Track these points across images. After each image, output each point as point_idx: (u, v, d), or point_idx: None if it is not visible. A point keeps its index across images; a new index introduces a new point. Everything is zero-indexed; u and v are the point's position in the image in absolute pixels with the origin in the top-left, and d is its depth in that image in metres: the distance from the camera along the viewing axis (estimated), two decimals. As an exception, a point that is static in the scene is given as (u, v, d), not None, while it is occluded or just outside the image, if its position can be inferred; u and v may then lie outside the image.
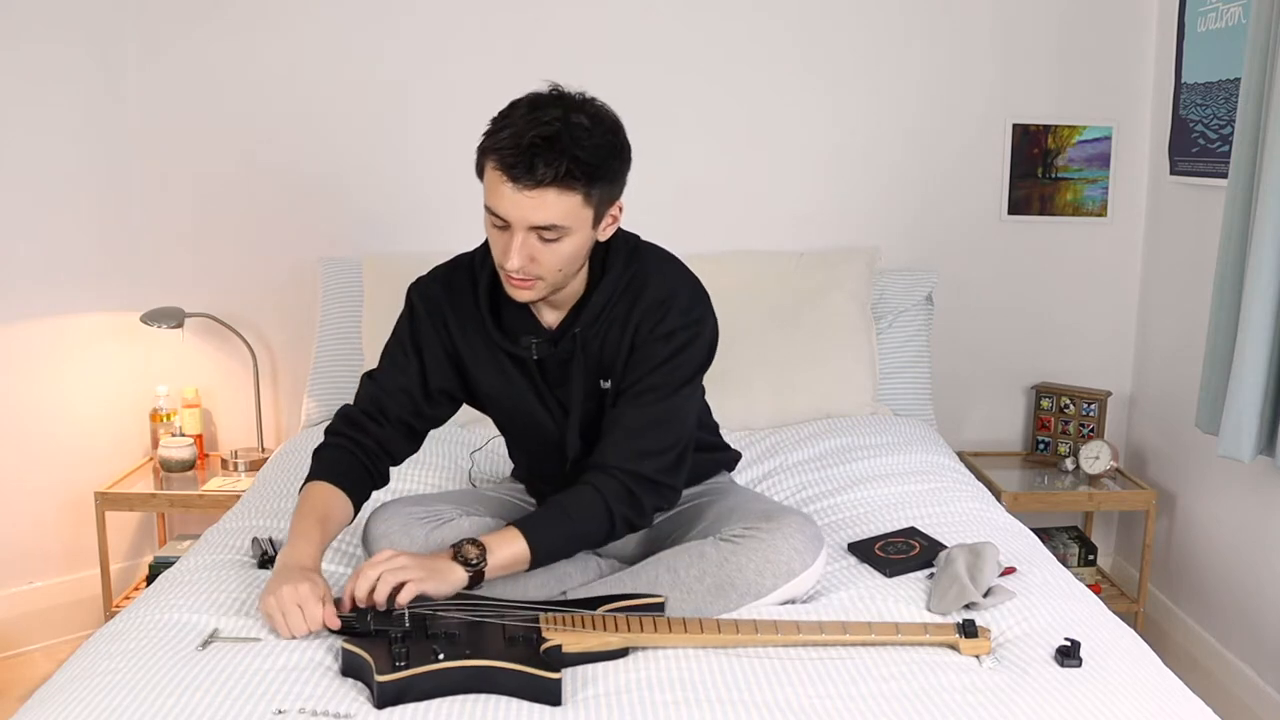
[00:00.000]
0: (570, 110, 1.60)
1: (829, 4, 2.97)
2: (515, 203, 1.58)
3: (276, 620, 1.55)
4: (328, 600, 1.56)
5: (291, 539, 1.65)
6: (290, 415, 3.10)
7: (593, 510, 1.71)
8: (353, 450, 1.81)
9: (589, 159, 1.58)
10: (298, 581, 1.56)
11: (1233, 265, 2.38)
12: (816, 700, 1.44)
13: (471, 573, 1.61)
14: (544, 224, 1.59)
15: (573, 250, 1.65)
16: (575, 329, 1.75)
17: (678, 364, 1.76)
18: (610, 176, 1.64)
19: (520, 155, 1.56)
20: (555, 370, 1.80)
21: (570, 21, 2.92)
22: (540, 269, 1.65)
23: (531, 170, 1.56)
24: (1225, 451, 2.33)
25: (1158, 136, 3.00)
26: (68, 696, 1.42)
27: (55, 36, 2.76)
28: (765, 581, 1.69)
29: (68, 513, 2.89)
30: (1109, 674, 1.51)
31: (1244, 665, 2.60)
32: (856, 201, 3.07)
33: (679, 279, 1.81)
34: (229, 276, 3.02)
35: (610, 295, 1.76)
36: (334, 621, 1.54)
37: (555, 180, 1.57)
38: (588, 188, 1.60)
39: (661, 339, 1.75)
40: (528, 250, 1.62)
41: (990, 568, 1.75)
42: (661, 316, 1.75)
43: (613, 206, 1.70)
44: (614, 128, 1.65)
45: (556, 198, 1.58)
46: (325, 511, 1.72)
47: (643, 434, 1.73)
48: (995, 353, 3.16)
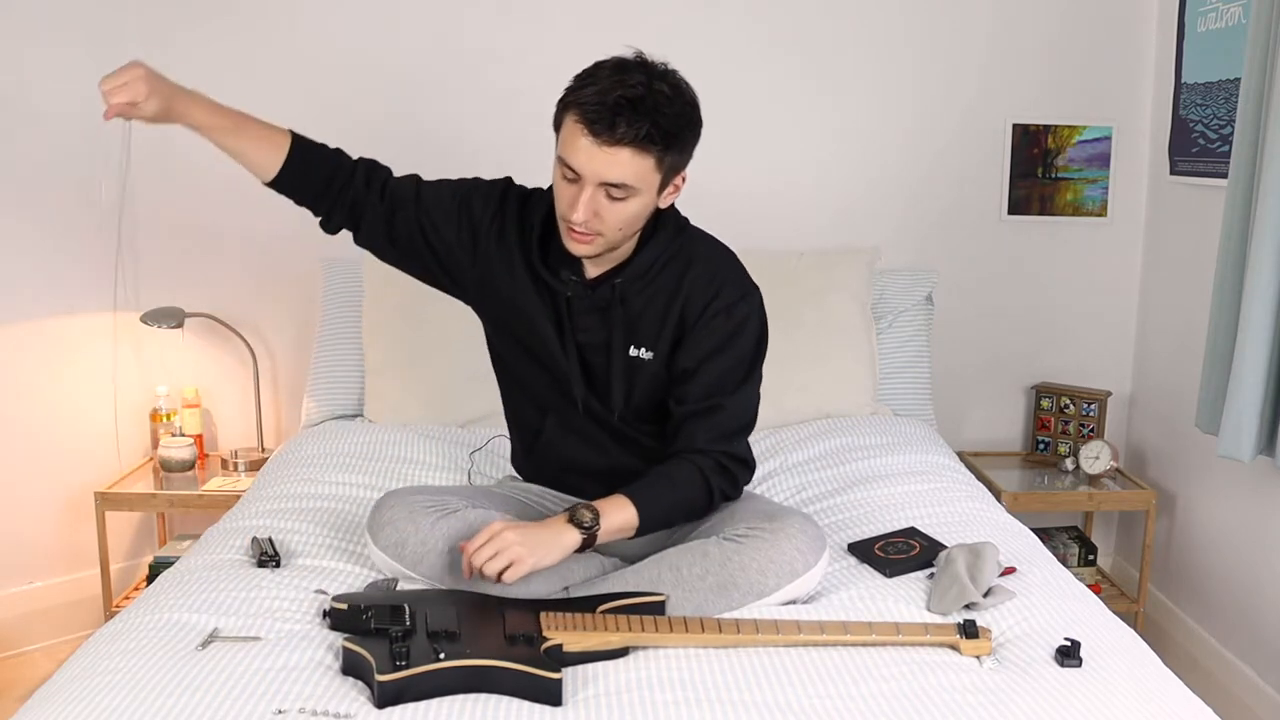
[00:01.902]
0: (654, 78, 1.66)
1: (829, 4, 2.97)
2: (591, 156, 1.64)
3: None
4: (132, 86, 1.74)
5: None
6: (290, 415, 3.10)
7: (694, 481, 1.79)
8: (341, 159, 1.89)
9: (668, 126, 1.65)
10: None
11: (1233, 265, 2.38)
12: (816, 700, 1.44)
13: (585, 535, 1.68)
14: (615, 181, 1.66)
15: (636, 211, 1.72)
16: (617, 280, 1.81)
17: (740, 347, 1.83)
18: (682, 146, 1.72)
19: (604, 112, 1.62)
20: (583, 317, 1.85)
21: (565, 30, 2.92)
22: (602, 225, 1.70)
23: (613, 128, 1.62)
24: (1225, 451, 2.33)
25: (1158, 136, 3.00)
26: (68, 696, 1.42)
27: (55, 36, 2.76)
28: (768, 581, 1.69)
29: (68, 513, 2.89)
30: (1109, 674, 1.51)
31: (1244, 665, 2.60)
32: (856, 201, 3.07)
33: (725, 255, 1.89)
34: (229, 276, 3.02)
35: (656, 257, 1.82)
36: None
37: (634, 141, 1.63)
38: (662, 153, 1.67)
39: (721, 314, 1.82)
40: (594, 205, 1.68)
41: (990, 568, 1.75)
42: (716, 292, 1.82)
43: (677, 176, 1.77)
44: (692, 100, 1.73)
45: (631, 158, 1.64)
46: (256, 122, 1.89)
47: (725, 419, 1.82)
48: (995, 353, 3.16)
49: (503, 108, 2.92)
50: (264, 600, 1.69)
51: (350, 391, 2.78)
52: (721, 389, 1.82)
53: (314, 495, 2.16)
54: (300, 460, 2.37)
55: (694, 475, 1.79)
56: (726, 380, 1.82)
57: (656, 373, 1.86)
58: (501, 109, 2.92)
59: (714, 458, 1.80)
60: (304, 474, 2.28)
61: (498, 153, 2.89)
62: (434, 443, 2.47)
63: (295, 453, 2.44)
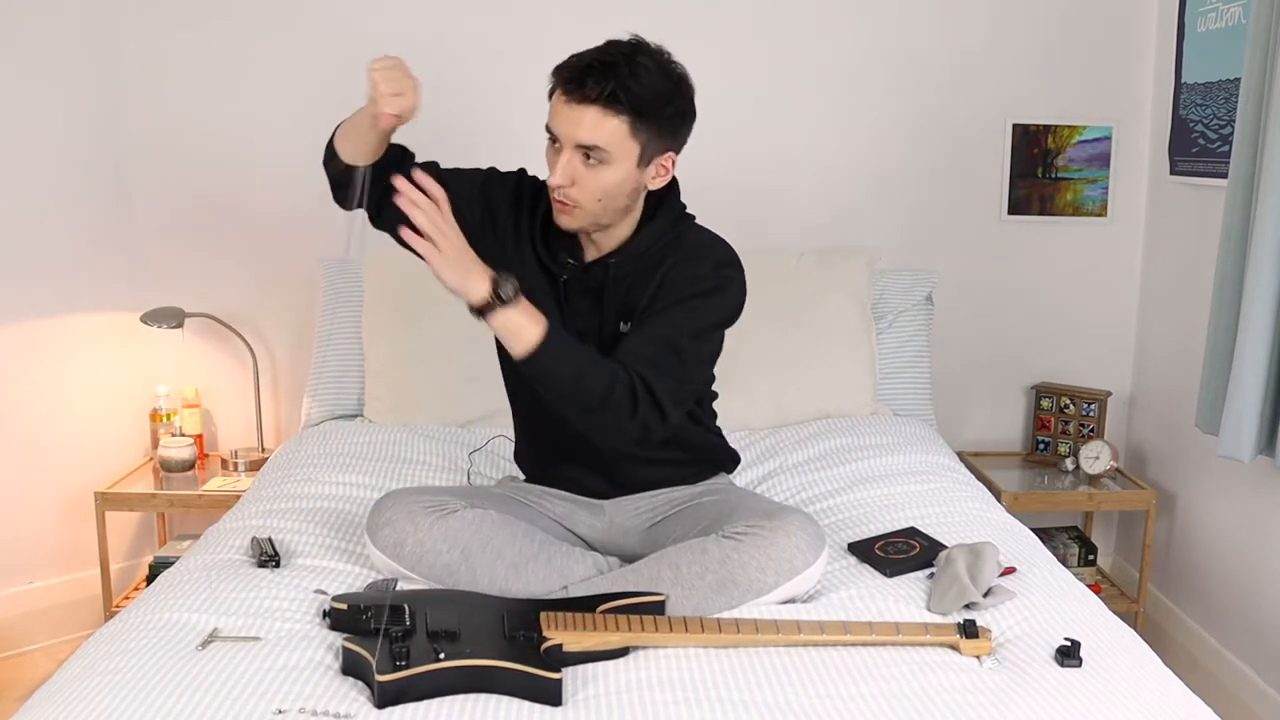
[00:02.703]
0: (639, 52, 1.71)
1: (829, 4, 2.97)
2: (563, 116, 1.70)
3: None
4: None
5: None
6: (290, 415, 3.10)
7: (602, 377, 1.69)
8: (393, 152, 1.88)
9: (639, 91, 1.68)
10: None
11: (1233, 265, 2.38)
12: (816, 700, 1.44)
13: (490, 295, 1.63)
14: (586, 143, 1.69)
15: (614, 182, 1.73)
16: (610, 260, 1.82)
17: (702, 307, 1.79)
18: (659, 118, 1.72)
19: (575, 72, 1.69)
20: (579, 300, 1.86)
21: (566, 26, 2.92)
22: (579, 194, 1.72)
23: (581, 85, 1.67)
24: (1225, 451, 2.33)
25: (1158, 136, 3.00)
26: (68, 696, 1.42)
27: (55, 36, 2.76)
28: (767, 579, 1.69)
29: (68, 513, 2.89)
30: (1109, 674, 1.51)
31: (1244, 665, 2.60)
32: (856, 201, 3.07)
33: (720, 245, 1.88)
34: (229, 276, 3.02)
35: (652, 241, 1.83)
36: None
37: (599, 99, 1.67)
38: (633, 118, 1.69)
39: (687, 279, 1.80)
40: (571, 170, 1.71)
41: (990, 568, 1.75)
42: (694, 263, 1.82)
43: (664, 156, 1.78)
44: (678, 80, 1.75)
45: (598, 117, 1.68)
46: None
47: (658, 353, 1.74)
48: (995, 353, 3.16)
49: (502, 106, 2.93)
50: (264, 600, 1.69)
51: (350, 391, 2.78)
52: (671, 334, 1.76)
53: (314, 495, 2.16)
54: (300, 460, 2.37)
55: (605, 374, 1.69)
56: (679, 326, 1.76)
57: None
58: (501, 107, 2.93)
59: (632, 376, 1.70)
60: (304, 474, 2.28)
61: (498, 151, 2.90)
62: (434, 443, 2.47)
63: (295, 453, 2.44)
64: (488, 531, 1.77)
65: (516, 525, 1.80)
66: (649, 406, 1.72)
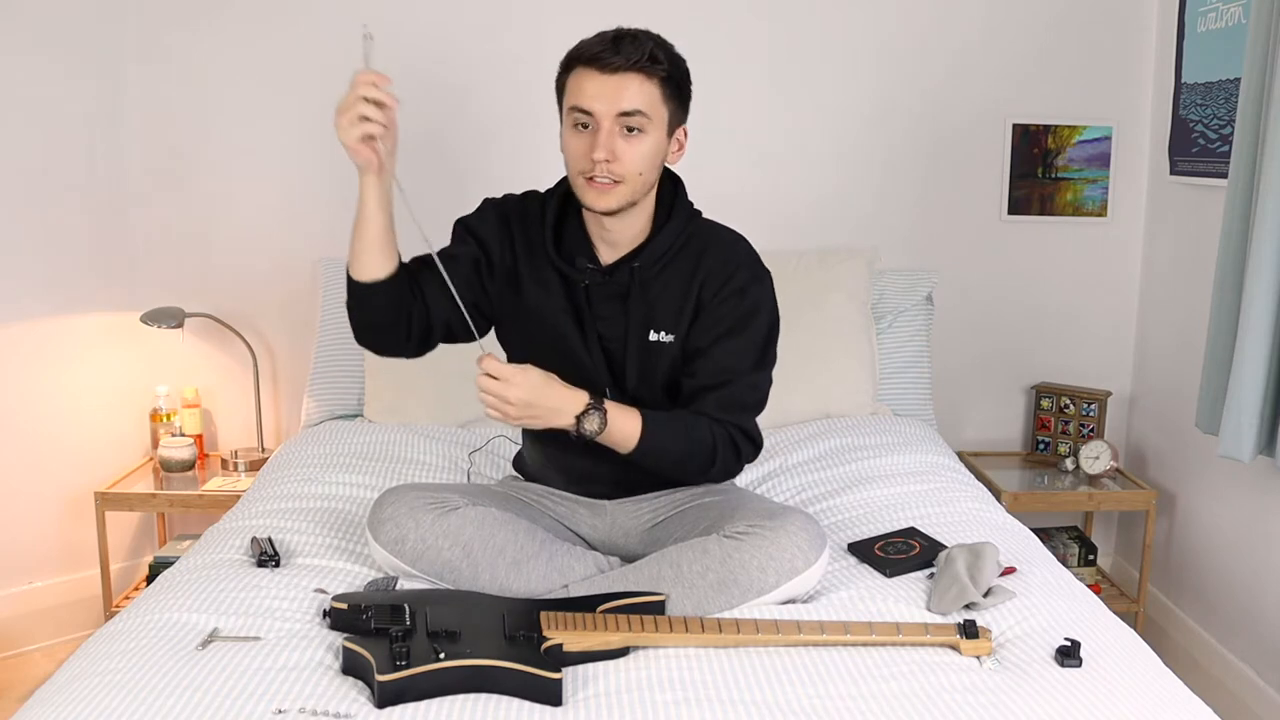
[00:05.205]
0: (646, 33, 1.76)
1: (829, 4, 2.97)
2: (601, 87, 1.70)
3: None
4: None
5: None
6: (290, 415, 3.10)
7: (704, 440, 1.81)
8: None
9: (668, 58, 1.74)
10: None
11: (1232, 265, 2.38)
12: (816, 700, 1.44)
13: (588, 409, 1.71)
14: (630, 109, 1.70)
15: (651, 150, 1.74)
16: (634, 264, 1.82)
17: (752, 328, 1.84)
18: (682, 84, 1.78)
19: (607, 44, 1.71)
20: (602, 304, 1.86)
21: (565, 27, 2.91)
22: (623, 169, 1.72)
23: (618, 53, 1.69)
24: (1225, 451, 2.33)
25: (1157, 136, 3.00)
26: (68, 696, 1.42)
27: (55, 35, 2.75)
28: (768, 578, 1.69)
29: (68, 513, 2.89)
30: (1109, 674, 1.51)
31: (1244, 665, 2.60)
32: (856, 201, 3.07)
33: (739, 239, 1.92)
34: (229, 276, 3.02)
35: (673, 241, 1.85)
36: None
37: (639, 63, 1.70)
38: (665, 84, 1.73)
39: (734, 296, 1.83)
40: (611, 144, 1.71)
41: (990, 568, 1.76)
42: (731, 274, 1.84)
43: (679, 130, 1.82)
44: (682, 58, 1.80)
45: (641, 83, 1.71)
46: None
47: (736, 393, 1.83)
48: (995, 353, 3.16)
49: (503, 103, 2.93)
50: (264, 600, 1.69)
51: (350, 391, 2.78)
52: (734, 369, 1.83)
53: (314, 495, 2.16)
54: (300, 460, 2.37)
55: (706, 435, 1.81)
56: (739, 361, 1.84)
57: (677, 355, 1.87)
58: (502, 105, 2.93)
59: (726, 428, 1.82)
60: (304, 474, 2.28)
61: (499, 145, 2.90)
62: (434, 443, 2.47)
63: (295, 453, 2.44)
64: (489, 529, 1.77)
65: (518, 523, 1.80)
66: (747, 444, 1.86)
